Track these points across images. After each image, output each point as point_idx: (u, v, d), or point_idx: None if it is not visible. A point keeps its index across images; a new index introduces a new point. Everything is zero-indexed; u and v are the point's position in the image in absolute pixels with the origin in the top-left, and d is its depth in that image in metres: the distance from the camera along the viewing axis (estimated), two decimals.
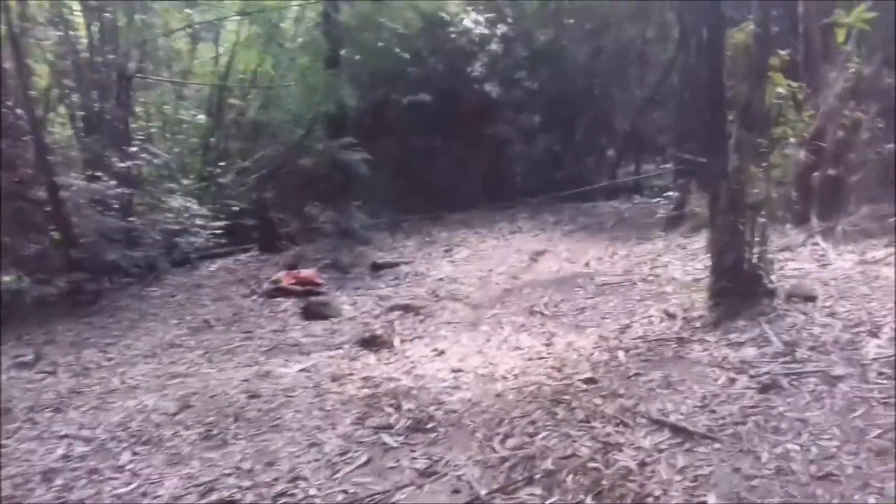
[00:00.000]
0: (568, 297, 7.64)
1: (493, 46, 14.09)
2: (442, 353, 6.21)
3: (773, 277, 5.59)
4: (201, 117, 12.79)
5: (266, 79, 12.97)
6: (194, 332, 8.31)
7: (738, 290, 5.38)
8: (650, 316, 6.20)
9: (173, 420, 5.36)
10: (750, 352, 4.61)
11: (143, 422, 5.44)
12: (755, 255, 5.49)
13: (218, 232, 11.77)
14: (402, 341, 6.88)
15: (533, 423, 4.27)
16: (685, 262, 8.31)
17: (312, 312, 8.29)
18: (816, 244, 7.28)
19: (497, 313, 7.50)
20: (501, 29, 14.07)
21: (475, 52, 14.16)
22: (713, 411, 3.95)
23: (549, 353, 5.69)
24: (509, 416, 4.46)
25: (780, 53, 5.87)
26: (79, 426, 5.58)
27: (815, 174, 7.79)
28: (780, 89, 5.78)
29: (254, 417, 5.18)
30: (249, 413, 5.28)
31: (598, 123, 15.49)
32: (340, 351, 6.78)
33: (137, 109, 11.97)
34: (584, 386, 4.70)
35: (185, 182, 12.10)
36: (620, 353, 5.21)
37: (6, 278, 9.17)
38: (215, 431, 5.02)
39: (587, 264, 9.26)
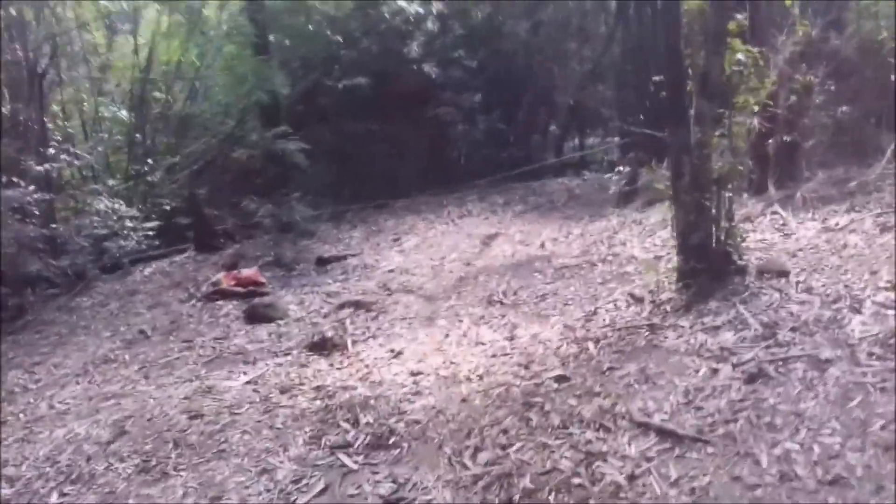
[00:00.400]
0: (526, 282, 7.31)
1: (429, 25, 13.60)
2: (399, 353, 5.80)
3: (743, 254, 5.32)
4: (124, 113, 11.98)
5: (191, 69, 12.22)
6: (129, 344, 7.70)
7: (708, 269, 5.11)
8: (615, 300, 5.90)
9: (107, 451, 4.84)
10: (728, 337, 4.33)
11: (74, 454, 4.90)
12: (723, 232, 5.21)
13: (150, 233, 11.06)
14: (355, 342, 6.44)
15: (505, 431, 3.91)
16: (643, 238, 8.06)
17: (256, 315, 7.76)
18: (776, 213, 7.08)
19: (453, 305, 7.12)
20: (437, 6, 13.58)
21: (411, 31, 13.66)
22: (699, 408, 3.64)
23: (513, 348, 5.34)
24: (478, 424, 4.09)
25: (738, 18, 5.59)
26: (2, 462, 5.01)
27: (770, 141, 7.59)
28: (739, 55, 5.49)
29: (196, 442, 4.70)
30: (191, 437, 4.79)
31: (540, 100, 15.16)
32: (289, 357, 6.31)
33: (54, 108, 11.13)
34: (556, 385, 4.35)
35: (111, 182, 11.34)
36: (590, 345, 4.89)
37: None
38: (154, 462, 4.52)
39: (542, 246, 8.95)
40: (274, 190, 11.47)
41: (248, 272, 9.07)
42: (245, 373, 6.06)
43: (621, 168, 9.81)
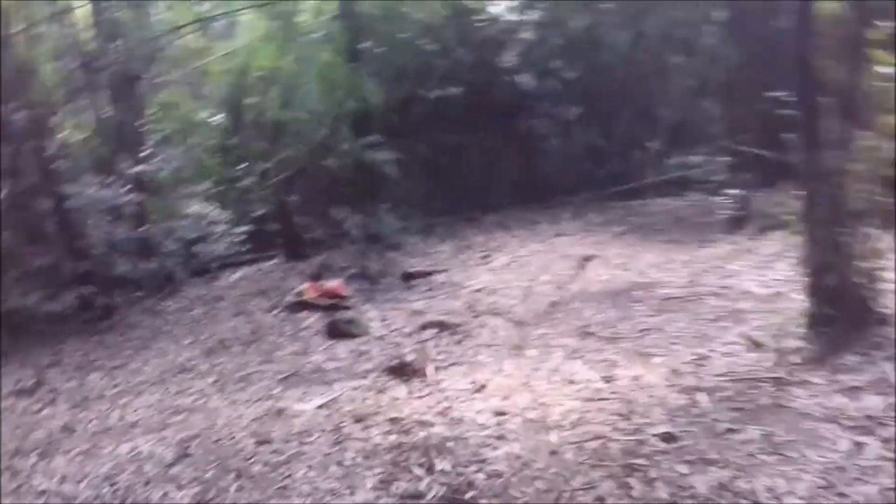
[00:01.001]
0: (625, 314, 6.69)
1: (525, 34, 13.09)
2: (483, 387, 5.30)
3: (885, 301, 4.58)
4: (219, 118, 12.04)
5: (285, 76, 12.16)
6: (208, 353, 7.57)
7: (844, 316, 4.40)
8: (730, 343, 5.23)
9: (167, 474, 4.58)
10: (874, 402, 3.64)
11: (134, 474, 4.68)
12: (863, 274, 4.49)
13: (240, 239, 11.04)
14: (437, 368, 6.01)
15: (601, 500, 3.36)
16: (758, 271, 7.29)
17: (337, 331, 7.47)
18: None
19: (544, 333, 6.58)
20: (533, 15, 13.05)
21: (505, 41, 13.20)
22: (843, 495, 3.00)
23: (611, 392, 4.76)
24: (569, 485, 3.56)
25: (882, 26, 4.86)
26: (61, 478, 4.84)
27: None
28: (885, 69, 4.76)
29: (259, 474, 4.36)
30: (255, 467, 4.46)
31: (641, 115, 14.37)
32: (366, 381, 5.94)
33: (151, 111, 11.27)
34: (662, 444, 3.76)
35: (204, 187, 11.37)
36: (702, 397, 4.26)
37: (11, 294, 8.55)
38: (212, 494, 4.20)
39: (643, 272, 8.28)
40: (363, 200, 11.26)
41: (332, 284, 8.82)
42: (320, 394, 5.74)
43: (735, 191, 9.00)
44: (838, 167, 4.41)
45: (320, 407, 5.46)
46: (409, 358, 6.11)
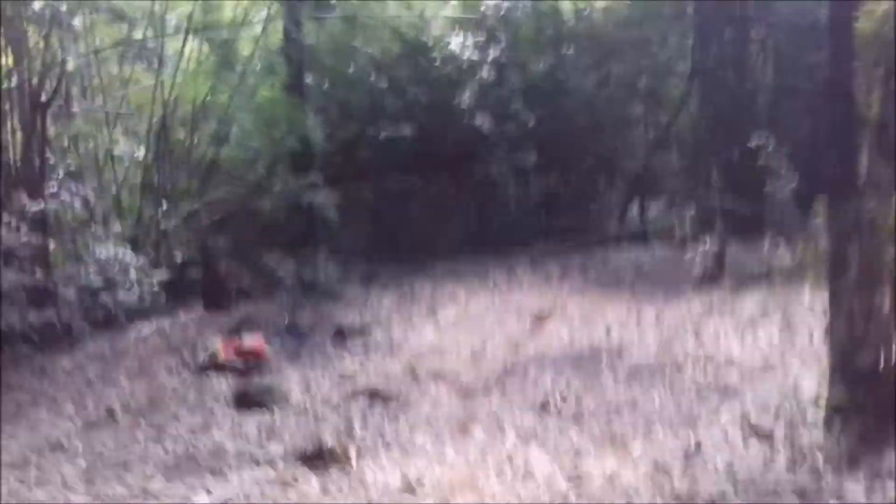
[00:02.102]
0: (591, 383, 5.66)
1: (484, 74, 12.29)
2: (417, 483, 4.17)
3: None
4: (140, 152, 10.85)
5: (219, 110, 11.10)
6: (90, 427, 6.21)
7: (878, 403, 3.41)
8: (724, 429, 4.22)
9: None
10: None
11: None
12: None
13: (156, 287, 9.73)
14: (362, 455, 4.85)
15: None
16: (740, 332, 6.37)
17: (248, 400, 6.23)
18: None
19: (495, 407, 5.50)
20: (493, 53, 12.27)
21: (463, 80, 12.38)
22: None
23: (579, 495, 3.68)
24: None
25: None
26: None
27: None
28: None
29: None
30: None
31: (602, 164, 13.68)
32: (273, 471, 4.73)
33: (63, 143, 10.03)
34: None
35: (118, 228, 10.10)
36: None
37: None
38: None
39: (608, 333, 7.30)
40: (300, 245, 10.16)
41: (250, 341, 7.59)
42: (210, 490, 4.52)
43: (706, 242, 8.15)
44: (873, 217, 3.46)
45: None
46: (329, 443, 4.94)
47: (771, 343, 5.98)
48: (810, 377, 4.99)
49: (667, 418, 4.64)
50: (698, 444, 4.03)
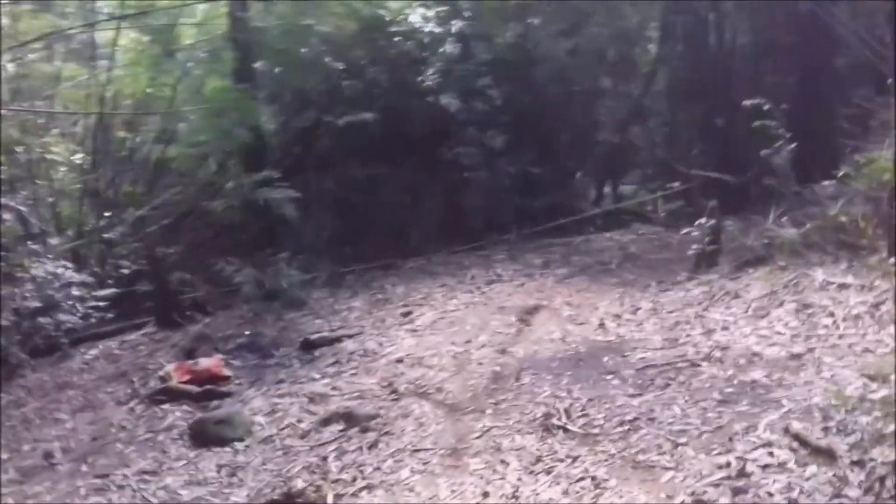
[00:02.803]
0: (596, 390, 4.96)
1: (448, 48, 11.44)
2: None
3: None
4: (78, 156, 9.87)
5: (162, 104, 10.14)
6: (24, 476, 5.37)
7: None
8: (766, 443, 3.54)
9: None
10: None
11: None
12: None
13: (102, 305, 8.81)
14: (339, 498, 4.11)
15: None
16: (753, 322, 5.71)
17: (205, 435, 5.44)
18: None
19: (489, 426, 4.77)
20: (457, 25, 11.41)
21: (426, 57, 11.53)
22: None
23: None
24: None
25: None
26: None
27: None
28: None
29: None
30: None
31: (580, 139, 12.93)
32: None
33: None
34: None
35: (57, 241, 9.14)
36: None
37: None
38: None
39: (602, 326, 6.62)
40: (258, 249, 9.29)
41: (206, 363, 6.76)
42: None
43: (702, 221, 7.48)
44: None
45: None
46: (300, 485, 4.18)
47: (790, 330, 5.32)
48: (850, 370, 4.37)
49: (694, 432, 3.95)
50: (740, 464, 3.35)
